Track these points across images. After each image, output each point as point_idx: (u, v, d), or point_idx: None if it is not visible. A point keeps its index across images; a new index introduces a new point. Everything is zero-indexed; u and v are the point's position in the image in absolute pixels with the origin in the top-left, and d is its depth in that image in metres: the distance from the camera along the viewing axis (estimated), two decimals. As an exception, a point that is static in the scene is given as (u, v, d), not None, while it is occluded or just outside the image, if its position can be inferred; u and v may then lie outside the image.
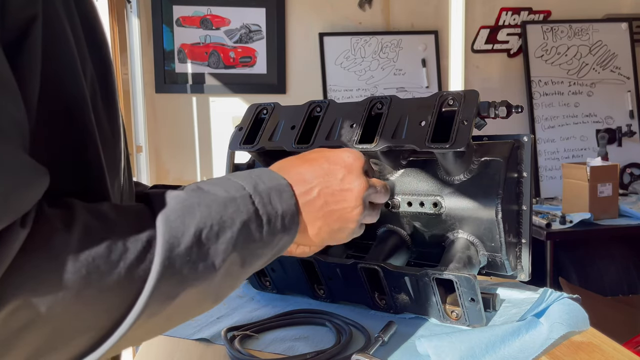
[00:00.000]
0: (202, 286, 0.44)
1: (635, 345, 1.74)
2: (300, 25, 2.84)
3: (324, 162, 0.58)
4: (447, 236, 0.85)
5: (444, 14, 2.85)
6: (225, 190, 0.47)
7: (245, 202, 0.47)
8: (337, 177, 0.57)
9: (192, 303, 0.44)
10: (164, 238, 0.41)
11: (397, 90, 2.89)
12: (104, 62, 0.52)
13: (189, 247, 0.42)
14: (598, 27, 3.02)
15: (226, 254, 0.45)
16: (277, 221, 0.49)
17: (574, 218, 2.21)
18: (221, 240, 0.44)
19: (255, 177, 0.51)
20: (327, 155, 0.59)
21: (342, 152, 0.60)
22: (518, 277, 0.87)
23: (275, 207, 0.49)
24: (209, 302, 0.47)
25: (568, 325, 0.73)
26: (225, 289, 0.47)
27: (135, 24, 2.58)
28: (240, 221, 0.46)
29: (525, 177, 0.83)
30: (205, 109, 2.82)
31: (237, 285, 0.49)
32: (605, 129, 2.95)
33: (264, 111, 0.99)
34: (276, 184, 0.51)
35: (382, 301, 0.85)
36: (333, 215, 0.56)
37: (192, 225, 0.43)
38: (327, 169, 0.57)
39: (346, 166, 0.58)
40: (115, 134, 0.54)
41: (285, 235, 0.51)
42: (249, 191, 0.48)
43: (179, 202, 0.44)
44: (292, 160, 0.58)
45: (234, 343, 0.75)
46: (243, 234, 0.46)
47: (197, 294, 0.44)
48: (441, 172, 0.85)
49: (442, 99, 0.80)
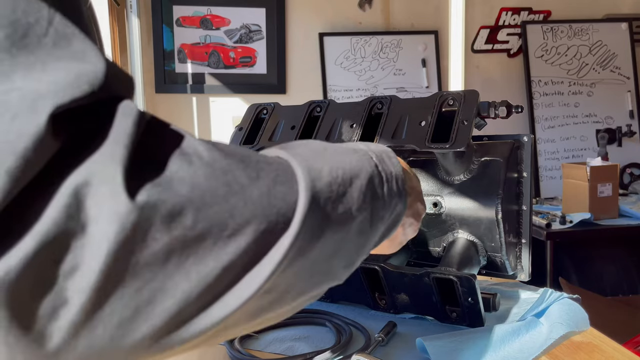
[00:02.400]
0: (342, 233, 0.40)
1: (635, 345, 1.74)
2: (300, 25, 2.84)
3: None
4: (447, 236, 0.85)
5: (444, 14, 2.85)
6: (345, 144, 0.45)
7: (366, 157, 0.45)
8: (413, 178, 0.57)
9: (329, 256, 0.40)
10: (303, 168, 0.37)
11: (397, 90, 2.89)
12: None
13: (328, 185, 0.38)
14: (598, 27, 3.02)
15: (359, 202, 0.41)
16: (393, 182, 0.46)
17: (574, 218, 2.21)
18: (354, 185, 0.41)
19: (362, 143, 0.49)
20: None
21: None
22: (518, 277, 0.87)
23: (389, 168, 0.47)
24: (341, 264, 0.43)
25: (568, 325, 0.73)
26: (355, 252, 0.44)
27: (135, 24, 2.58)
28: (366, 172, 0.43)
29: (525, 177, 0.83)
30: (205, 109, 2.82)
31: (363, 253, 0.45)
32: (605, 129, 2.95)
33: (264, 111, 0.99)
34: (383, 148, 0.49)
35: (382, 301, 0.85)
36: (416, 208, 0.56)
37: (326, 164, 0.39)
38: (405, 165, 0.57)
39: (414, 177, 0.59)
40: None
41: (399, 201, 0.47)
42: (365, 149, 0.46)
43: (304, 146, 0.41)
44: None
45: (234, 343, 0.75)
46: (370, 186, 0.43)
47: (337, 242, 0.40)
48: (441, 172, 0.85)
49: (442, 99, 0.80)
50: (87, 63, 0.29)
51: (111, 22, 2.24)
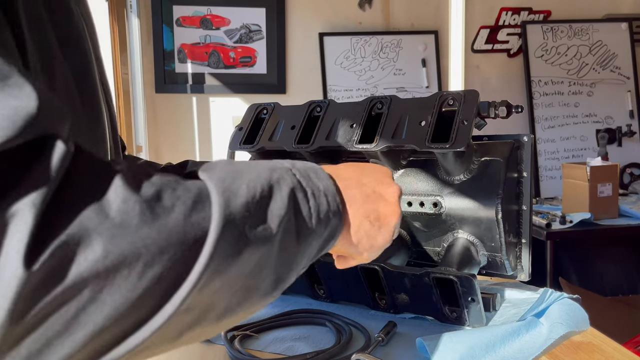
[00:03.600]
0: (263, 251, 0.40)
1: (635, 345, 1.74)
2: (300, 25, 2.84)
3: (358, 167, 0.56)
4: (447, 236, 0.85)
5: (444, 14, 2.85)
6: (266, 162, 0.45)
7: (287, 173, 0.44)
8: (373, 178, 0.55)
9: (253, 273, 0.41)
10: (218, 190, 0.38)
11: (397, 90, 2.89)
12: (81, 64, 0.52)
13: (245, 205, 0.39)
14: (598, 27, 3.02)
15: (280, 219, 0.41)
16: (321, 197, 0.46)
17: (574, 218, 2.21)
18: (273, 203, 0.41)
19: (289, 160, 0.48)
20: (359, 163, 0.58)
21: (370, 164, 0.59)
22: (518, 277, 0.87)
23: (316, 184, 0.46)
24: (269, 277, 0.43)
25: (568, 325, 0.73)
26: (284, 267, 0.43)
27: (135, 24, 2.58)
28: (288, 187, 0.43)
29: (525, 177, 0.83)
30: (205, 109, 2.82)
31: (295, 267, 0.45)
32: (605, 129, 2.95)
33: (264, 111, 0.99)
34: (310, 165, 0.48)
35: (382, 301, 0.85)
36: (373, 213, 0.53)
37: (244, 183, 0.40)
38: (362, 171, 0.55)
39: (382, 171, 0.57)
40: (98, 138, 0.54)
41: (334, 217, 0.46)
42: (288, 165, 0.46)
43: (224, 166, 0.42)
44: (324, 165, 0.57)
45: (234, 343, 0.75)
46: (292, 201, 0.43)
47: (258, 260, 0.40)
48: (441, 172, 0.85)
49: (442, 99, 0.80)
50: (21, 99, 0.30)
51: (111, 22, 2.24)
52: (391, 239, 0.55)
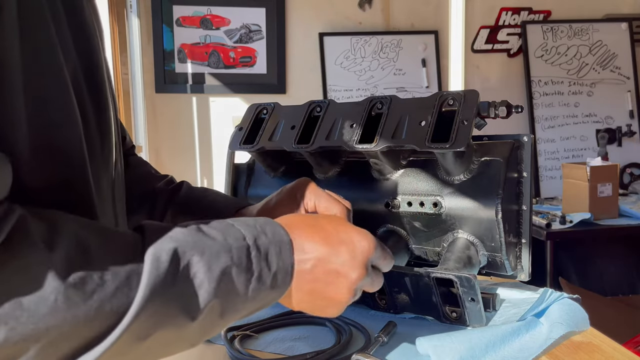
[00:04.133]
0: (178, 331, 0.44)
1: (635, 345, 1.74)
2: (300, 25, 2.84)
3: (333, 237, 0.54)
4: (447, 236, 0.85)
5: (444, 14, 2.85)
6: (224, 238, 0.47)
7: (240, 254, 0.47)
8: (338, 259, 0.53)
9: (162, 347, 0.44)
10: (148, 279, 0.40)
11: (397, 90, 2.89)
12: (90, 54, 0.53)
13: (172, 292, 0.42)
14: (598, 27, 3.02)
15: (206, 303, 0.44)
16: (268, 278, 0.48)
17: (574, 218, 2.21)
18: (204, 288, 0.44)
19: (260, 228, 0.50)
20: (340, 230, 0.55)
21: (356, 234, 0.55)
22: (518, 277, 0.87)
23: (270, 264, 0.48)
24: (180, 347, 0.47)
25: (568, 325, 0.73)
26: (199, 336, 0.47)
27: (135, 24, 2.58)
28: (229, 275, 0.45)
29: (525, 177, 0.83)
30: (205, 109, 2.82)
31: (212, 334, 0.49)
32: (605, 129, 2.95)
33: (264, 111, 0.99)
34: (278, 240, 0.50)
35: (382, 301, 0.85)
36: (319, 294, 0.53)
37: (180, 268, 0.43)
38: (332, 246, 0.53)
39: (352, 251, 0.54)
40: (104, 127, 0.54)
41: (272, 292, 0.49)
42: (248, 242, 0.48)
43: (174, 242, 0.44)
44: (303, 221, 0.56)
45: (234, 343, 0.75)
46: (229, 287, 0.45)
47: (170, 338, 0.44)
48: (441, 172, 0.85)
49: (442, 99, 0.80)
50: None
51: (111, 22, 2.24)
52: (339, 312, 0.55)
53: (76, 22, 0.50)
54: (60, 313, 0.36)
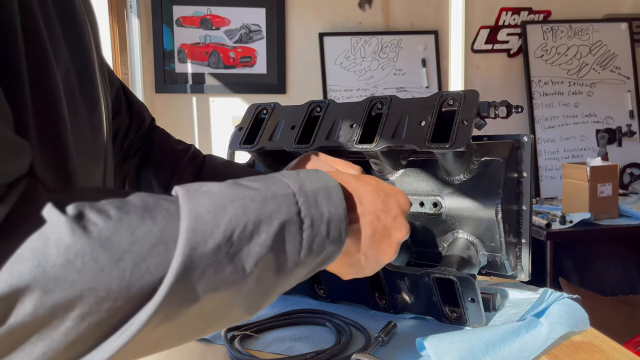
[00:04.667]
0: (230, 292, 0.39)
1: (635, 345, 1.74)
2: (300, 25, 2.84)
3: (383, 194, 0.53)
4: (447, 236, 0.85)
5: (444, 14, 2.85)
6: (266, 187, 0.43)
7: (287, 201, 0.43)
8: (391, 214, 0.53)
9: (217, 310, 0.40)
10: (188, 235, 0.37)
11: (397, 90, 2.89)
12: (82, 50, 0.53)
13: (217, 248, 0.38)
14: (598, 27, 3.02)
15: (259, 258, 0.40)
16: (322, 226, 0.44)
17: (574, 218, 2.21)
18: (254, 241, 0.40)
19: (303, 176, 0.47)
20: (384, 188, 0.55)
21: (398, 191, 0.56)
22: (518, 277, 0.87)
23: (321, 210, 0.44)
24: (238, 310, 0.42)
25: (568, 325, 0.73)
26: (258, 298, 0.43)
27: (135, 24, 2.58)
28: (279, 222, 0.41)
29: (525, 177, 0.83)
30: (205, 109, 2.82)
31: (272, 296, 0.45)
32: (605, 129, 2.95)
33: (264, 111, 0.99)
34: (325, 184, 0.46)
35: (382, 301, 0.85)
36: (373, 249, 0.52)
37: (223, 223, 0.39)
38: (385, 202, 0.53)
39: (401, 207, 0.55)
40: (96, 124, 0.55)
41: (330, 244, 0.45)
42: (293, 189, 0.44)
43: (212, 196, 0.40)
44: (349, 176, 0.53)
45: (234, 343, 0.75)
46: (281, 237, 0.41)
47: (224, 300, 0.40)
48: (441, 172, 0.85)
49: (442, 99, 0.80)
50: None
51: (111, 22, 2.24)
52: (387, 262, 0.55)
53: (66, 17, 0.50)
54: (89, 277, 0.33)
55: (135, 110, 0.86)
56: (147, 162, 0.85)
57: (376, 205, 0.51)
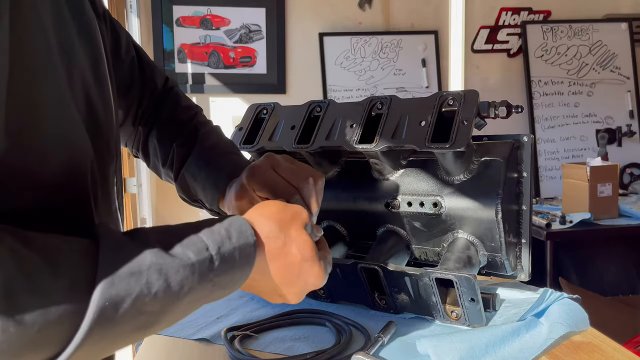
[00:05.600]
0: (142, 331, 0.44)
1: (635, 345, 1.74)
2: (300, 25, 2.84)
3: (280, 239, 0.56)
4: (447, 236, 0.85)
5: (444, 14, 2.85)
6: (185, 255, 0.46)
7: (201, 267, 0.47)
8: (295, 253, 0.56)
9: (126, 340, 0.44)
10: (98, 305, 0.39)
11: (397, 90, 2.89)
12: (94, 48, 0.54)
13: (125, 312, 0.41)
14: (598, 27, 3.02)
15: (172, 313, 0.45)
16: (231, 285, 0.50)
17: (574, 218, 2.21)
18: (167, 302, 0.44)
19: (224, 233, 0.50)
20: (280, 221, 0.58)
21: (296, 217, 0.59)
22: (518, 277, 0.87)
23: (232, 275, 0.50)
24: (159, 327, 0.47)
25: (568, 325, 0.73)
26: (154, 329, 0.47)
27: (135, 24, 2.58)
28: (189, 287, 0.46)
29: (525, 177, 0.83)
30: (205, 109, 2.80)
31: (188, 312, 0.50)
32: (605, 129, 2.95)
33: (264, 111, 0.99)
34: (243, 243, 0.51)
35: (382, 301, 0.85)
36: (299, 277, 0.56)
37: (134, 292, 0.42)
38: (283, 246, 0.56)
39: (297, 229, 0.57)
40: (109, 117, 0.56)
41: (231, 283, 0.51)
42: (212, 252, 0.48)
43: (127, 261, 0.43)
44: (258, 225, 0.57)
45: (234, 343, 0.75)
46: (192, 294, 0.46)
47: (130, 338, 0.44)
48: (441, 172, 0.85)
49: (442, 99, 0.80)
50: None
51: (111, 22, 2.24)
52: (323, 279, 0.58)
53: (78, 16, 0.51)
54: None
55: (147, 76, 0.86)
56: (152, 133, 0.85)
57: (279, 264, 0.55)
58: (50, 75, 0.45)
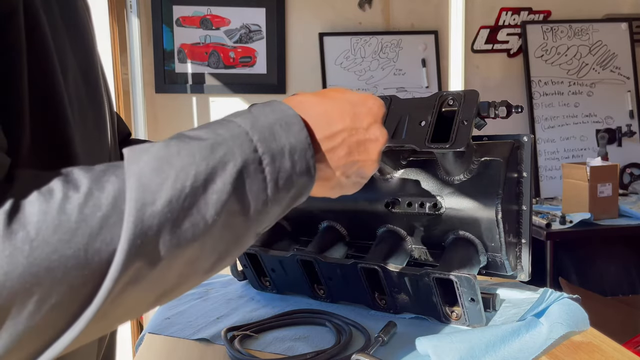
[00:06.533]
0: (194, 245, 0.38)
1: (635, 345, 1.74)
2: (300, 25, 2.84)
3: (349, 107, 0.51)
4: (447, 236, 0.85)
5: (444, 14, 2.85)
6: (215, 133, 0.41)
7: (239, 142, 0.40)
8: (362, 125, 0.51)
9: (186, 265, 0.39)
10: (133, 195, 0.35)
11: (397, 90, 2.89)
12: (86, 56, 0.53)
13: (167, 204, 0.36)
14: (598, 27, 3.02)
15: (219, 206, 0.38)
16: (284, 160, 0.42)
17: (574, 218, 2.21)
18: (210, 190, 0.38)
19: (256, 111, 0.44)
20: (351, 99, 0.52)
21: (367, 97, 0.53)
22: (518, 277, 0.87)
23: (280, 143, 0.42)
24: (209, 261, 0.41)
25: (568, 325, 0.73)
26: (230, 244, 0.41)
27: (135, 24, 2.58)
28: (235, 165, 0.39)
29: (525, 177, 0.83)
30: (205, 109, 2.82)
31: (246, 239, 0.43)
32: (605, 129, 2.95)
33: (264, 111, 0.99)
34: (281, 115, 0.44)
35: (382, 301, 0.85)
36: (353, 167, 0.50)
37: (170, 177, 0.37)
38: (353, 116, 0.50)
39: (373, 114, 0.52)
40: (101, 124, 0.55)
41: (299, 177, 0.43)
42: (245, 128, 0.42)
43: (154, 153, 0.38)
44: (311, 97, 0.50)
45: (234, 343, 0.75)
46: (239, 180, 0.39)
47: (190, 254, 0.38)
48: (441, 172, 0.85)
49: (442, 99, 0.80)
50: None
51: (111, 22, 2.24)
52: (373, 170, 0.54)
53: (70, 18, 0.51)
54: (41, 260, 0.33)
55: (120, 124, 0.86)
56: None
57: (345, 122, 0.49)
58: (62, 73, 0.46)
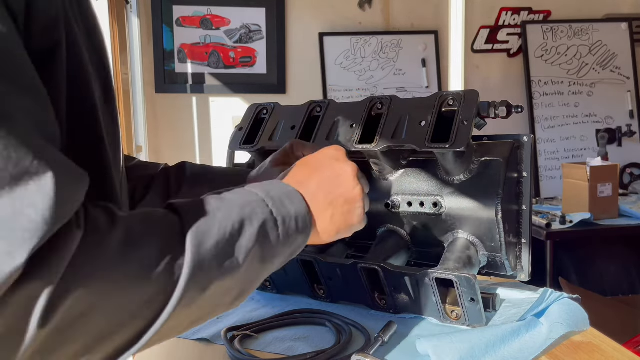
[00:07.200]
0: (229, 280, 0.47)
1: (635, 345, 1.74)
2: (300, 25, 2.84)
3: (310, 164, 0.62)
4: (447, 236, 0.85)
5: (444, 14, 2.85)
6: (241, 197, 0.52)
7: (260, 205, 0.51)
8: (327, 169, 0.61)
9: (219, 296, 0.48)
10: (193, 237, 0.45)
11: (397, 90, 2.89)
12: (103, 65, 0.55)
13: (216, 244, 0.46)
14: (598, 27, 3.02)
15: (248, 250, 0.48)
16: (292, 222, 0.53)
17: (574, 218, 2.21)
18: (243, 237, 0.48)
19: (266, 186, 0.55)
20: (308, 159, 0.64)
21: (322, 150, 0.65)
22: (518, 277, 0.87)
23: (288, 210, 0.53)
24: (232, 297, 0.50)
25: (568, 325, 0.73)
26: (247, 284, 0.51)
27: (135, 24, 2.58)
28: (258, 221, 0.50)
29: (525, 177, 0.83)
30: (205, 109, 2.82)
31: (257, 282, 0.53)
32: (605, 129, 2.95)
33: (264, 111, 0.99)
34: (285, 191, 0.56)
35: (382, 301, 0.85)
36: (339, 200, 0.60)
37: (216, 225, 0.47)
38: (315, 166, 0.61)
39: (331, 157, 0.62)
40: (116, 134, 0.56)
41: (299, 235, 0.55)
42: (262, 196, 0.53)
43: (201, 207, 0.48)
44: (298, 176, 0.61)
45: (234, 343, 0.75)
46: (262, 233, 0.50)
47: (224, 288, 0.48)
48: (441, 172, 0.85)
49: (442, 99, 0.80)
50: (36, 204, 0.34)
51: (111, 22, 2.24)
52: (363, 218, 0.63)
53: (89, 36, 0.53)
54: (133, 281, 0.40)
55: None
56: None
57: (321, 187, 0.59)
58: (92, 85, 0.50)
